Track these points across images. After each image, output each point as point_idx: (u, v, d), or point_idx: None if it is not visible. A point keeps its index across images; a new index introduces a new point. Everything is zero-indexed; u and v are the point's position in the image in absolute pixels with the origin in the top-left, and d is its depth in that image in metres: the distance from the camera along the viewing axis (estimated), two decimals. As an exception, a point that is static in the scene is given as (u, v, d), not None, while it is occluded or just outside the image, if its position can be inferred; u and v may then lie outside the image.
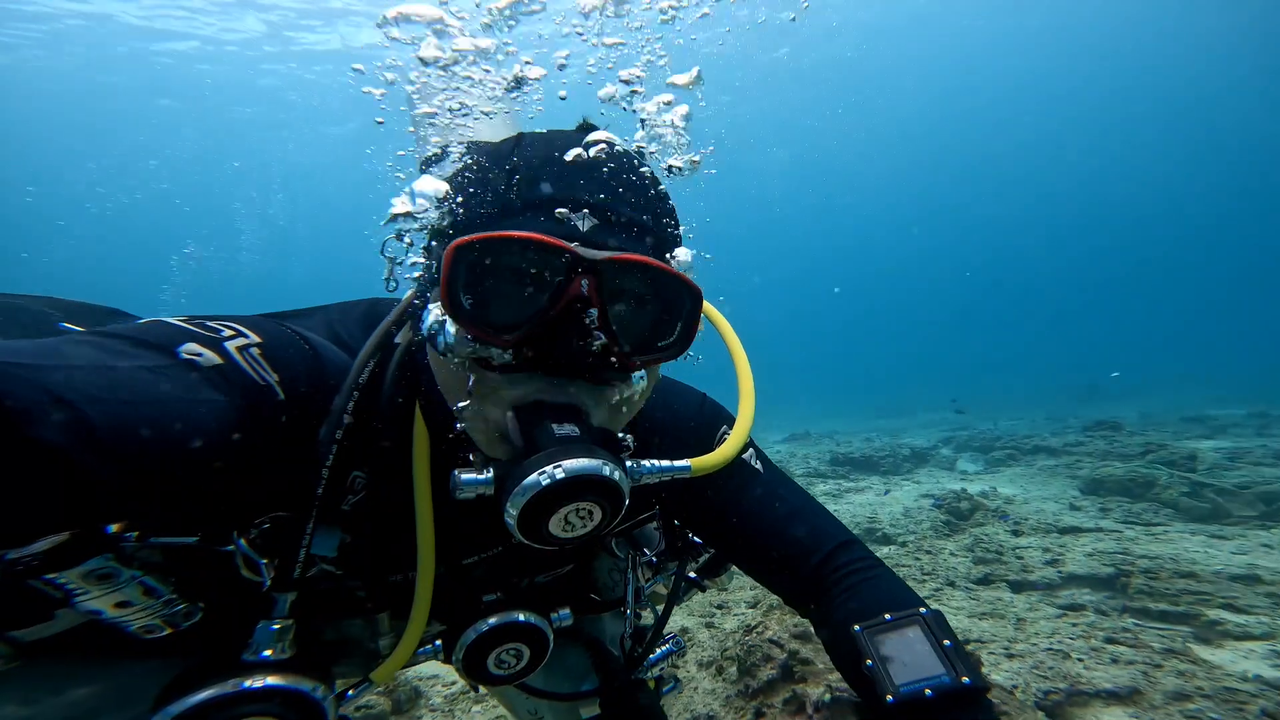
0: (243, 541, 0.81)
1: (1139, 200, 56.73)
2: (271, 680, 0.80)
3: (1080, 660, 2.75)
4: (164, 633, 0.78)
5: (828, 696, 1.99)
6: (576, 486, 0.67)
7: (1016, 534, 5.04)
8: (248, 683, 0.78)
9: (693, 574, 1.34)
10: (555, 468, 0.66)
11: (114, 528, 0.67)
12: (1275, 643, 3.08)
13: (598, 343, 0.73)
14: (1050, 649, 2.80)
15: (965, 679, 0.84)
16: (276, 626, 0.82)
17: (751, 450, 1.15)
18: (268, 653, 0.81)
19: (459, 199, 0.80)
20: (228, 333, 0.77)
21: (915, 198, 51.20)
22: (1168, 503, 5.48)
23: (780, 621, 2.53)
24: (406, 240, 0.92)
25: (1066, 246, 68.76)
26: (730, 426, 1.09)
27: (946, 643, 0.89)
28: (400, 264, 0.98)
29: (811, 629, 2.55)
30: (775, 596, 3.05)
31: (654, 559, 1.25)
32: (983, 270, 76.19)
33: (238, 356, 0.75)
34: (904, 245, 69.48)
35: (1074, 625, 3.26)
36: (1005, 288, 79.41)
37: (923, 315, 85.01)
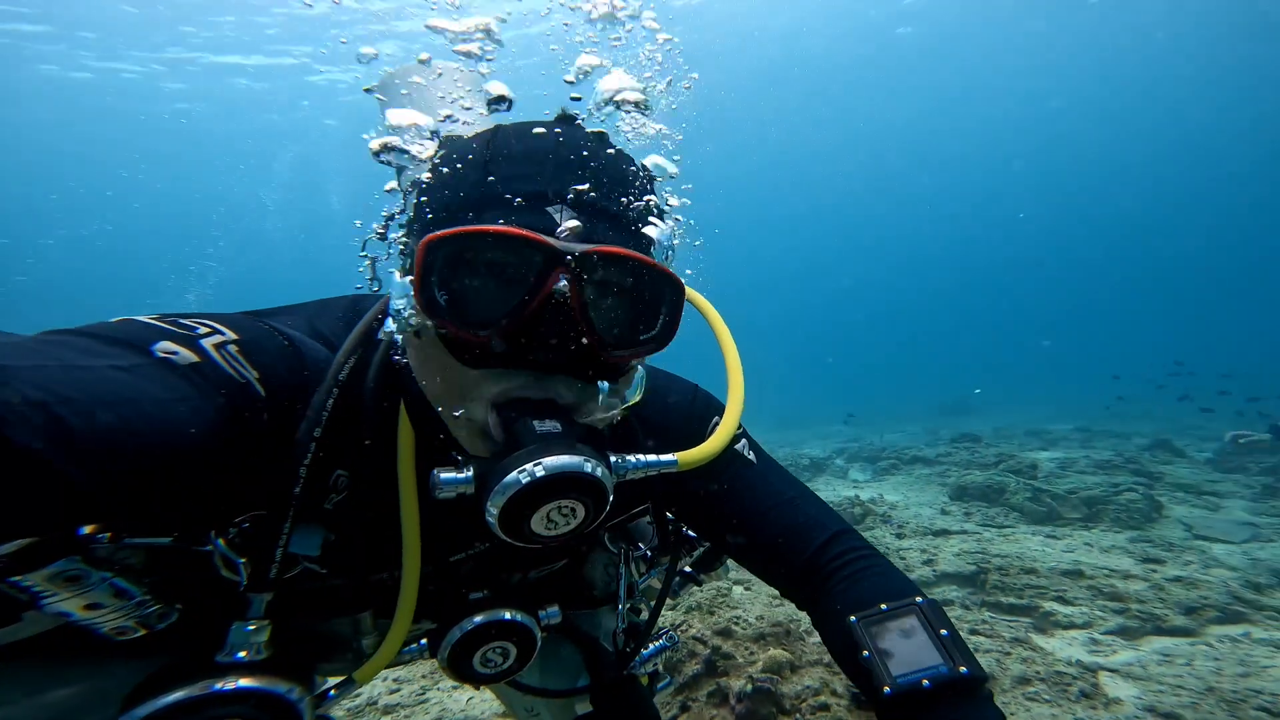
0: (220, 541, 0.78)
1: (1000, 238, 65.12)
2: (244, 682, 0.78)
3: (951, 648, 3.14)
4: (138, 634, 0.74)
5: (749, 688, 2.15)
6: (558, 484, 0.66)
7: (900, 537, 5.56)
8: (219, 684, 0.76)
9: (688, 568, 1.34)
10: (536, 465, 0.65)
11: (86, 529, 0.64)
12: (1092, 631, 3.59)
13: (578, 337, 0.72)
14: (928, 640, 3.18)
15: (963, 668, 0.83)
16: (251, 627, 0.80)
17: (744, 441, 1.12)
18: (242, 654, 0.79)
19: (433, 193, 0.78)
20: (203, 330, 0.75)
21: (800, 212, 53.69)
22: (1015, 507, 6.17)
23: (703, 619, 2.69)
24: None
25: (938, 275, 77.48)
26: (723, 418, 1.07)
27: (944, 632, 0.88)
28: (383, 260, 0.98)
29: (731, 626, 2.74)
30: (693, 597, 3.23)
31: (648, 553, 1.24)
32: (872, 292, 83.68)
33: (215, 354, 0.73)
34: (800, 262, 74.61)
35: (945, 618, 3.71)
36: (890, 308, 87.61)
37: (816, 333, 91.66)
